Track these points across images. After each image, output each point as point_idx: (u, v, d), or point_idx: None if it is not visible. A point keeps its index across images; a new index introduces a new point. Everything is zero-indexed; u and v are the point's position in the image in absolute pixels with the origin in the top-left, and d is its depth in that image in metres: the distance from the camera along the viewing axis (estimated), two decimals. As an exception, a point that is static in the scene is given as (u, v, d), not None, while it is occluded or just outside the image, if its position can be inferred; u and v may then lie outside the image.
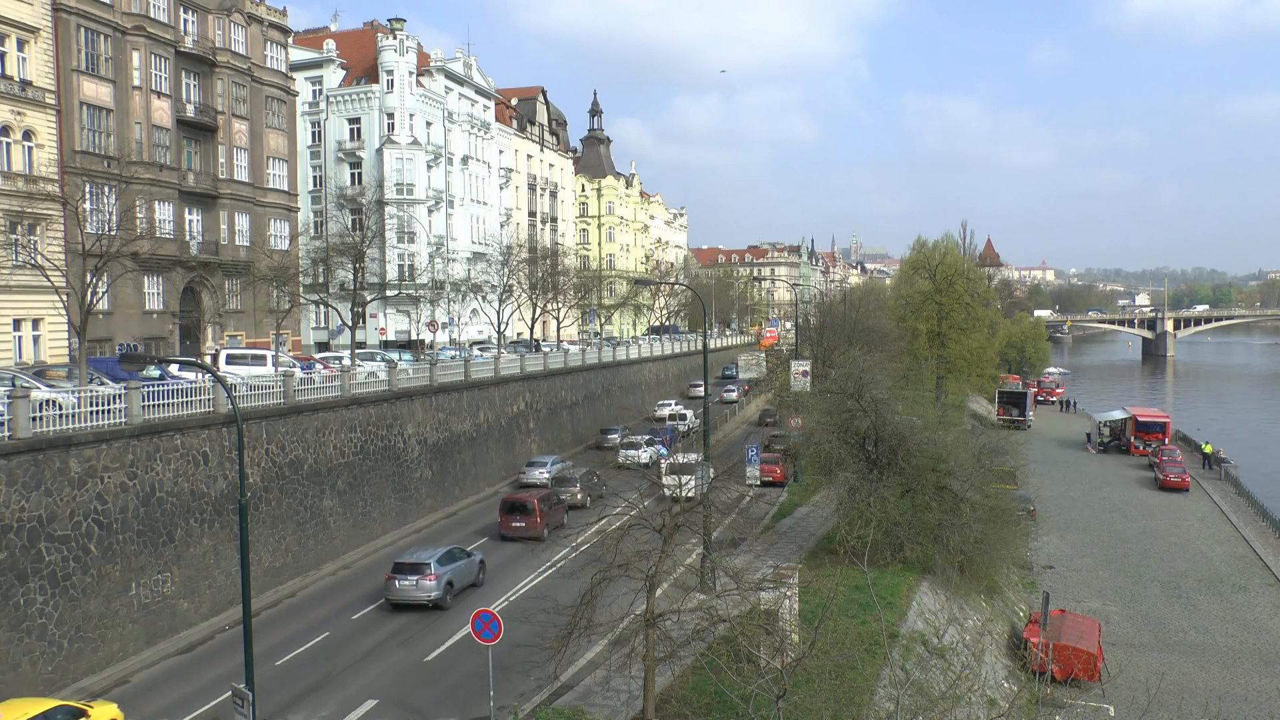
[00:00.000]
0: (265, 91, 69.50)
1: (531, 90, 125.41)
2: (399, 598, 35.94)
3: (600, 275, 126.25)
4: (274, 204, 70.30)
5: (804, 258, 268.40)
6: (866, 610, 28.98)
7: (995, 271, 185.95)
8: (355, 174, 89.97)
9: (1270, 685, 35.82)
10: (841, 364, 53.07)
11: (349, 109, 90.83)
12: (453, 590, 36.83)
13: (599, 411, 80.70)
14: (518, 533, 45.75)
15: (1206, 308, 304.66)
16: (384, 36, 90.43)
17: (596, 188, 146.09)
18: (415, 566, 36.23)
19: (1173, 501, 66.37)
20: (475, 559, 39.40)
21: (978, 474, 41.21)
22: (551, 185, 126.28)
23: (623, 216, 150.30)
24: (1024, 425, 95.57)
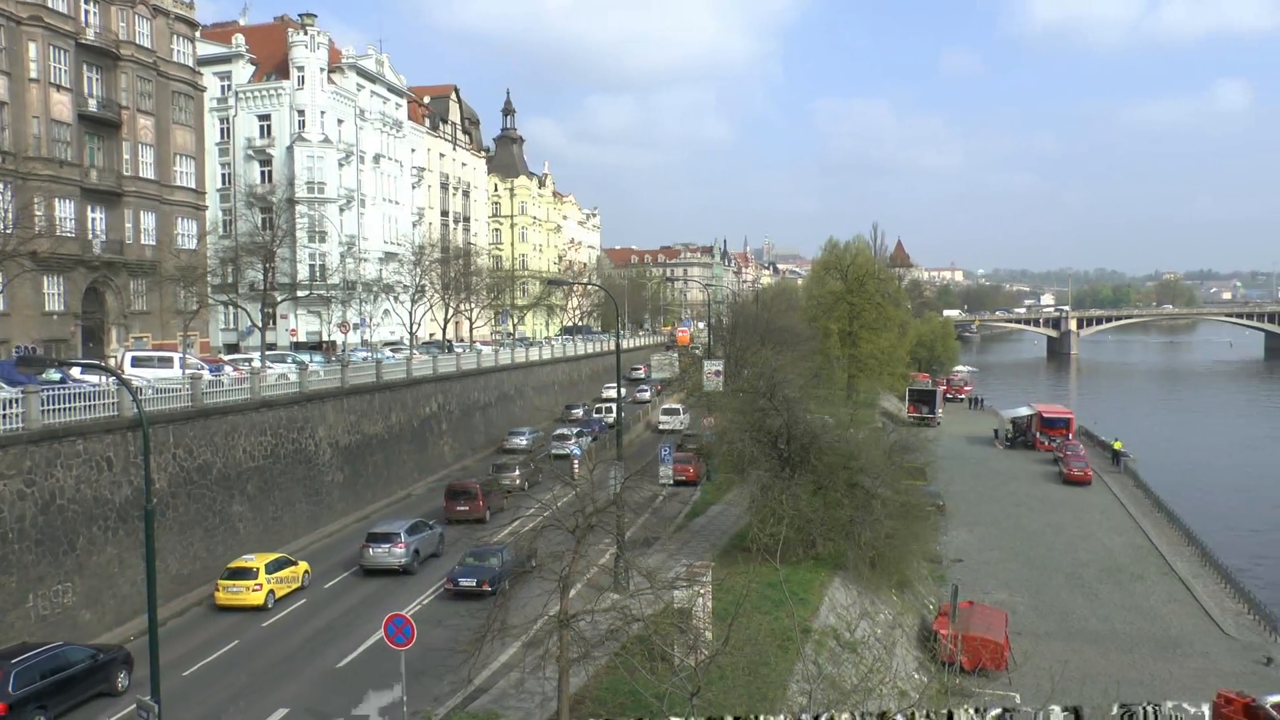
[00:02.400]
0: (172, 86, 67.74)
1: (444, 88, 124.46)
2: (373, 564, 40.10)
3: (513, 275, 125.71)
4: (181, 202, 68.58)
5: (717, 258, 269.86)
6: (779, 606, 29.26)
7: (906, 272, 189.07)
8: (265, 172, 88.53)
9: (1164, 668, 37.03)
10: (754, 363, 53.53)
11: (259, 105, 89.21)
12: (419, 558, 41.01)
13: (512, 412, 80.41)
14: (462, 515, 48.76)
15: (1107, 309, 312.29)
16: (295, 32, 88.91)
17: (509, 187, 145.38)
18: (387, 536, 40.65)
19: (1076, 495, 67.97)
20: (438, 530, 43.64)
21: (889, 471, 41.86)
22: (464, 185, 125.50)
23: (536, 217, 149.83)
24: (934, 422, 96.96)
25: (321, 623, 35.11)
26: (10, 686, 25.08)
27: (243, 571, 36.81)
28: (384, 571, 40.10)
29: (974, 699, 32.44)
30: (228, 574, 36.94)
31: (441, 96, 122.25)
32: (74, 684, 27.11)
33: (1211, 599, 45.35)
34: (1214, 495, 73.83)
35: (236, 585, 36.34)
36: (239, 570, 36.95)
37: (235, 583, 36.42)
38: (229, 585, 36.49)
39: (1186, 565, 50.70)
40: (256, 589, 36.43)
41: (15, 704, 24.99)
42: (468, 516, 48.69)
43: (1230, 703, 29.06)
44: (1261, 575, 51.22)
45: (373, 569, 40.27)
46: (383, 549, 40.13)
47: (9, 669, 25.40)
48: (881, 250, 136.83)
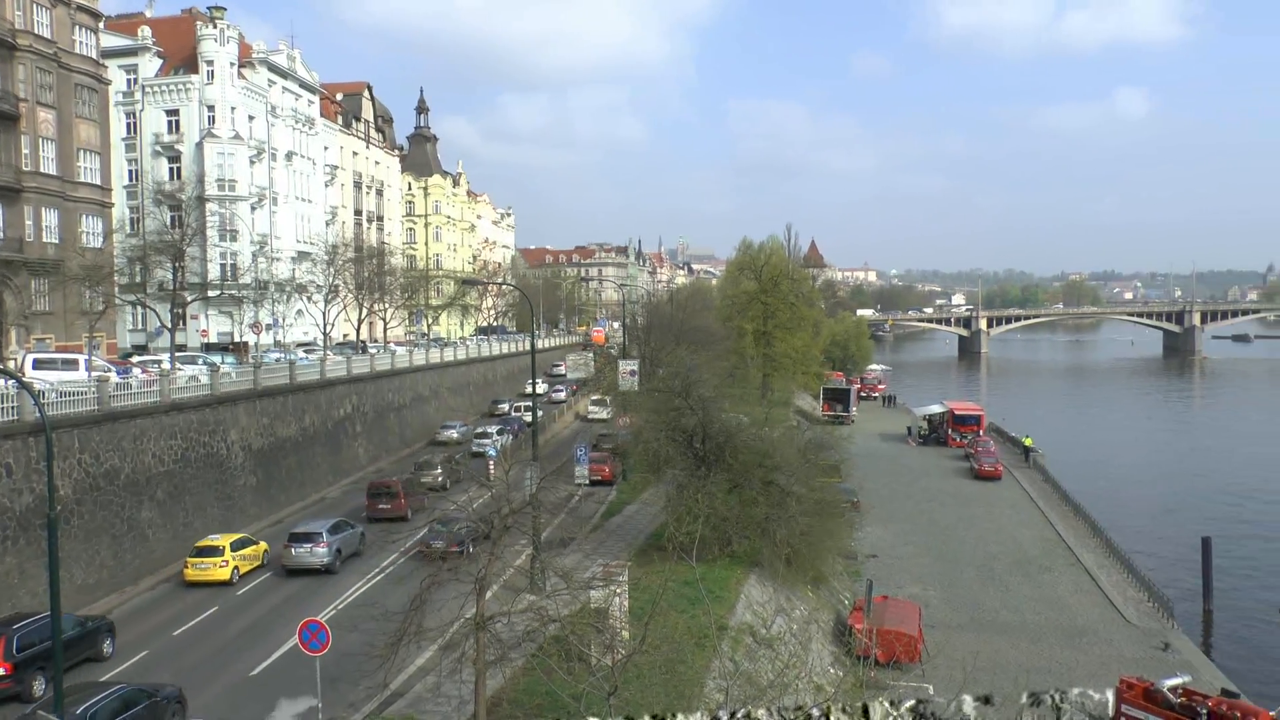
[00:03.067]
0: (74, 79, 65.53)
1: (357, 86, 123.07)
2: (295, 564, 40.12)
3: (427, 275, 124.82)
4: (86, 199, 66.51)
5: (631, 258, 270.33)
6: (696, 604, 29.39)
7: (819, 272, 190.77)
8: (174, 168, 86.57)
9: (1071, 656, 37.83)
10: (669, 363, 53.75)
11: (167, 100, 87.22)
12: (340, 557, 41.18)
13: (427, 413, 79.80)
14: (383, 514, 48.97)
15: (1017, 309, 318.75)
16: (203, 25, 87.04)
17: (423, 186, 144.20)
18: (309, 535, 40.67)
19: (987, 490, 69.13)
20: (358, 530, 43.91)
21: (803, 468, 42.25)
22: (378, 183, 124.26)
23: (450, 216, 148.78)
24: (848, 420, 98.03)
25: (246, 622, 34.66)
26: (14, 649, 27.86)
27: (210, 550, 39.90)
28: (306, 571, 40.23)
29: (888, 691, 32.87)
30: (195, 552, 39.96)
31: (354, 94, 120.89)
32: (68, 648, 28.29)
33: (1115, 588, 46.45)
34: (1117, 488, 75.91)
35: (204, 562, 39.47)
36: (206, 549, 39.97)
37: (203, 560, 39.55)
38: (197, 563, 39.53)
39: (1092, 556, 51.84)
40: (223, 565, 39.45)
41: (18, 665, 27.86)
42: (389, 515, 48.88)
43: (1132, 688, 29.82)
44: (1160, 564, 52.72)
45: (295, 569, 40.33)
46: (305, 549, 40.24)
47: (11, 633, 28.09)
48: (795, 251, 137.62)
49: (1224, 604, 47.78)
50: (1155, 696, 31.50)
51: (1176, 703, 31.06)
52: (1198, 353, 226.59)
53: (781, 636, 33.49)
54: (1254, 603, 47.69)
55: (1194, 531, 54.98)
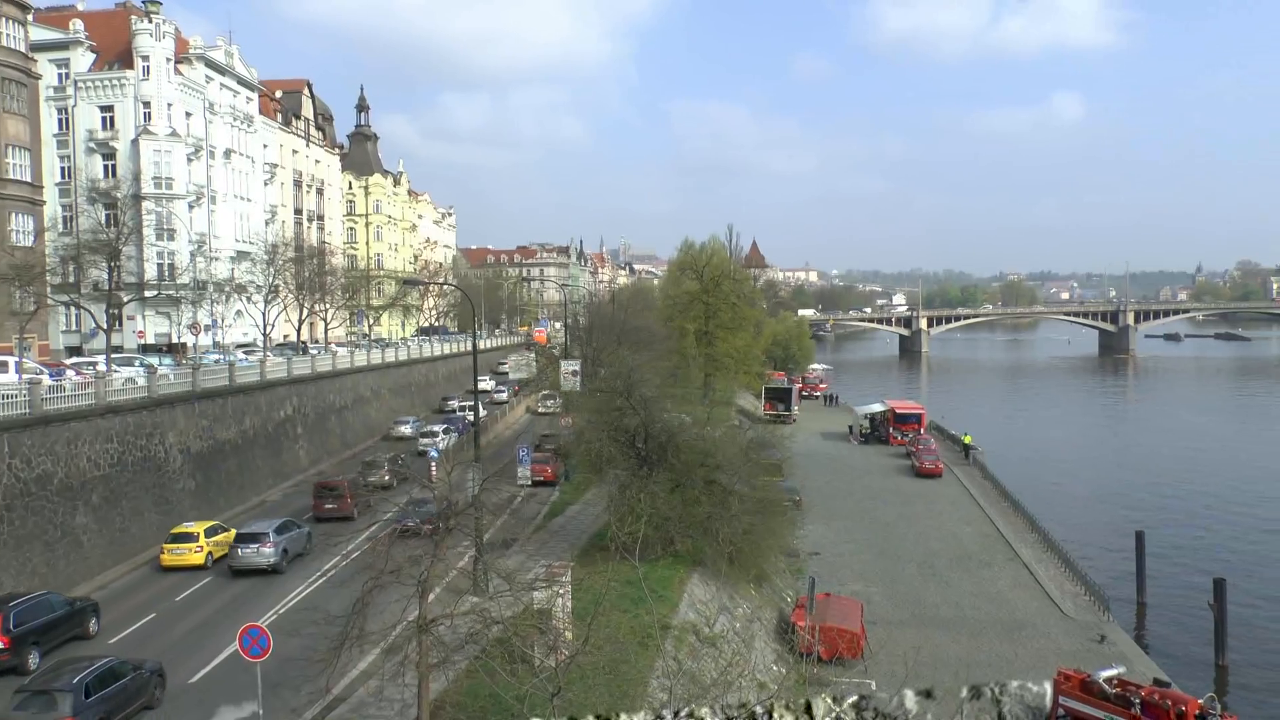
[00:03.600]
0: (2, 72, 64.32)
1: (297, 83, 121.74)
2: (241, 564, 40.37)
3: (368, 275, 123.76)
4: (16, 196, 64.93)
5: (573, 258, 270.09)
6: (639, 604, 29.42)
7: (761, 272, 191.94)
8: (109, 166, 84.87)
9: (1010, 650, 38.37)
10: (611, 363, 53.75)
11: (101, 96, 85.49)
12: (287, 556, 41.36)
13: (368, 415, 79.22)
14: (330, 513, 49.42)
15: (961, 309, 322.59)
16: (138, 19, 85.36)
17: (364, 185, 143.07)
18: (255, 536, 40.99)
19: (927, 487, 69.92)
20: (305, 530, 44.05)
21: (745, 467, 42.43)
22: (318, 182, 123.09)
23: (391, 215, 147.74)
24: (790, 419, 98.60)
25: (188, 625, 34.24)
26: (11, 625, 29.76)
27: (185, 536, 42.39)
28: (253, 571, 40.40)
29: (831, 688, 33.12)
30: (171, 538, 42.51)
31: (294, 91, 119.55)
32: (58, 626, 32.05)
33: (1052, 582, 47.20)
34: (1055, 484, 77.24)
35: (180, 548, 41.91)
36: (181, 535, 42.56)
37: (179, 545, 42.02)
38: (173, 548, 41.94)
39: (1030, 551, 52.61)
40: (198, 550, 41.86)
41: (15, 640, 29.78)
42: (336, 514, 49.32)
43: (1069, 679, 30.60)
44: (1096, 558, 53.72)
45: (241, 569, 40.49)
46: (251, 549, 40.48)
47: (9, 610, 30.03)
48: (737, 251, 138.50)
49: (1157, 596, 48.89)
50: (1091, 687, 32.36)
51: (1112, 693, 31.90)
52: (1131, 351, 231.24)
53: (725, 635, 33.61)
54: (1185, 594, 48.62)
55: (1128, 525, 56.09)
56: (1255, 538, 61.35)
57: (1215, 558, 55.46)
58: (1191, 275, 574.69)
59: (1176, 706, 27.91)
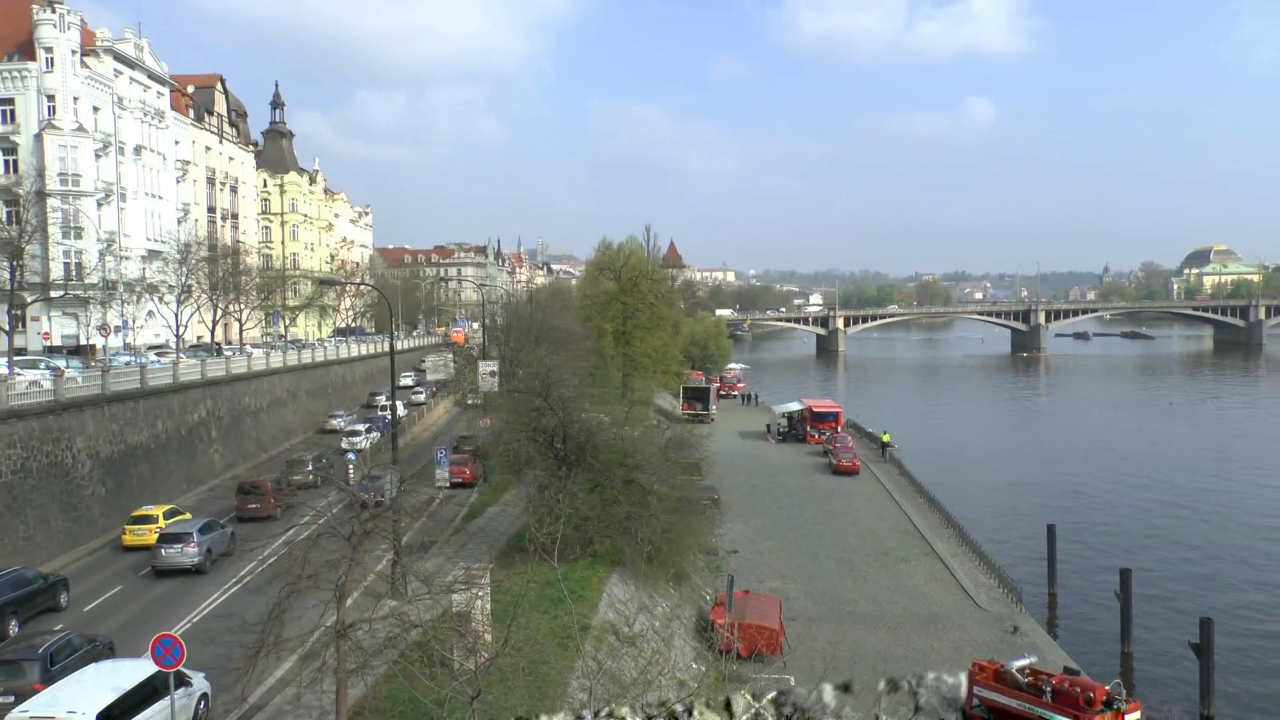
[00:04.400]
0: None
1: (209, 78, 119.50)
2: (165, 564, 40.55)
3: (284, 275, 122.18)
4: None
5: (491, 258, 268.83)
6: (558, 605, 29.46)
7: (679, 272, 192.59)
8: (10, 161, 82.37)
9: (927, 643, 38.96)
10: (529, 363, 53.66)
11: (1, 88, 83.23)
12: (211, 556, 41.63)
13: (285, 418, 78.16)
14: (253, 513, 49.88)
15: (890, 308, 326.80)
16: (41, 9, 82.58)
17: (279, 183, 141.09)
18: (179, 536, 41.31)
19: (845, 484, 70.68)
20: (229, 530, 44.57)
21: (664, 467, 42.67)
22: (232, 180, 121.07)
23: (307, 214, 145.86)
24: (708, 419, 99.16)
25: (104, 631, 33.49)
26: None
27: (145, 518, 45.41)
28: (176, 572, 40.58)
29: (750, 684, 33.42)
30: (131, 520, 45.62)
31: (206, 86, 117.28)
32: (34, 598, 34.88)
33: (967, 576, 48.05)
34: (970, 480, 78.64)
35: (141, 529, 44.73)
36: (141, 517, 45.64)
37: (139, 526, 44.92)
38: (134, 529, 44.97)
39: (946, 546, 53.49)
40: (157, 530, 43.62)
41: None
42: (259, 514, 49.73)
43: (983, 670, 31.41)
44: (1009, 551, 54.84)
45: (165, 570, 40.60)
46: (175, 549, 40.70)
47: None
48: (655, 251, 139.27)
49: (1067, 586, 50.17)
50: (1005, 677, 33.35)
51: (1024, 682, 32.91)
52: (1042, 350, 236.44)
53: (644, 634, 33.74)
54: (1094, 584, 49.95)
55: (1040, 519, 57.24)
56: (1159, 527, 63.35)
57: (1122, 548, 57.09)
58: (1099, 276, 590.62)
59: (1085, 693, 28.89)
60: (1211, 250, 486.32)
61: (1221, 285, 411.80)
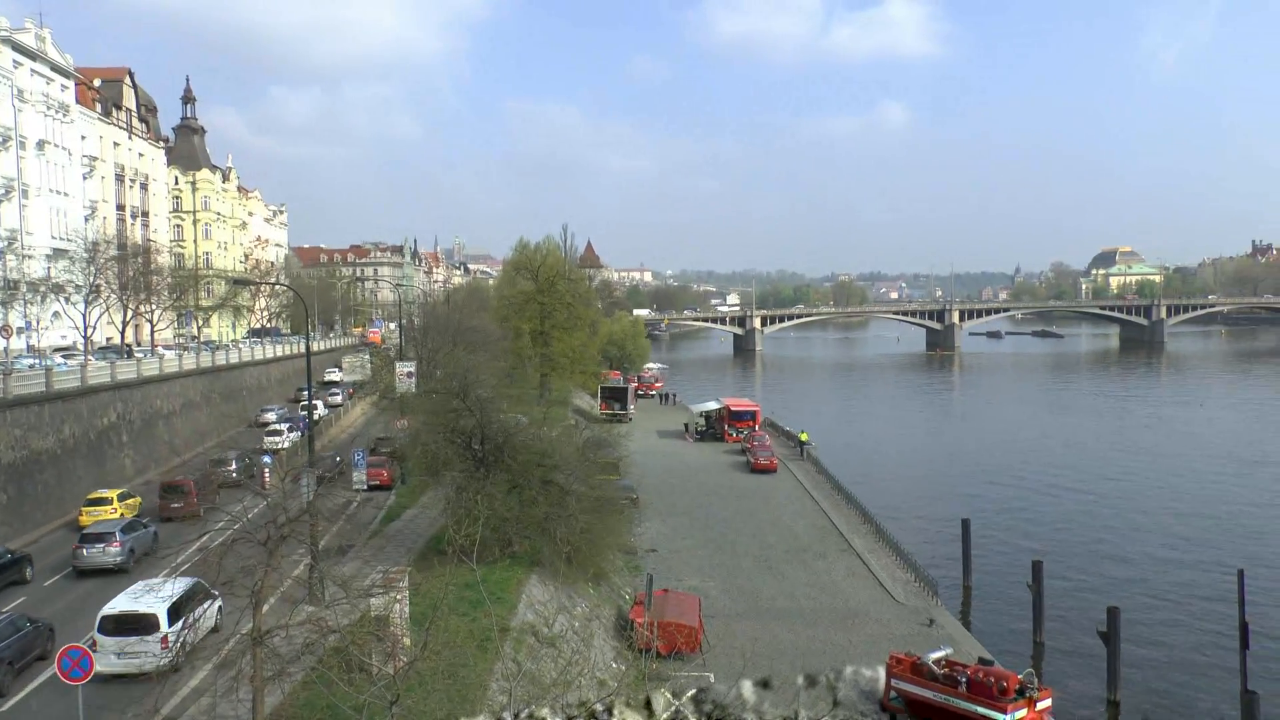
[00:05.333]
0: None
1: (117, 71, 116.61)
2: (86, 564, 40.63)
3: (197, 275, 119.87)
4: None
5: (407, 258, 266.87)
6: (477, 607, 29.40)
7: (596, 272, 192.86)
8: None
9: (845, 637, 39.50)
10: (446, 364, 53.34)
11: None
12: (134, 556, 41.67)
13: (199, 420, 76.76)
14: (176, 513, 49.98)
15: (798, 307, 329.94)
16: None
17: (191, 181, 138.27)
18: (101, 535, 41.40)
19: (763, 482, 71.27)
20: (151, 530, 44.54)
21: (583, 467, 42.76)
22: (142, 177, 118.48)
23: (220, 212, 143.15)
24: (626, 418, 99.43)
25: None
26: None
27: (101, 500, 48.97)
28: (98, 571, 40.54)
29: (670, 682, 33.62)
30: (88, 502, 48.86)
31: (114, 80, 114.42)
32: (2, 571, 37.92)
33: (884, 570, 48.76)
34: (886, 476, 79.95)
35: (96, 509, 47.84)
36: (97, 499, 49.10)
37: (95, 507, 48.05)
38: (90, 510, 47.80)
39: (863, 542, 54.22)
40: (113, 511, 47.49)
41: None
42: (182, 513, 49.85)
43: (900, 662, 32.07)
44: (925, 546, 55.70)
45: (86, 569, 40.61)
46: (98, 549, 40.75)
47: None
48: (572, 251, 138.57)
49: (981, 579, 51.23)
50: (921, 669, 34.17)
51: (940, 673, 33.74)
52: (956, 348, 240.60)
53: (564, 634, 33.79)
54: (1007, 576, 51.09)
55: (955, 513, 58.30)
56: (1070, 519, 65.14)
57: (1034, 540, 58.55)
58: (1011, 276, 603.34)
59: (999, 682, 29.71)
60: (1117, 251, 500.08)
61: (1126, 285, 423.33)
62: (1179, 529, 62.35)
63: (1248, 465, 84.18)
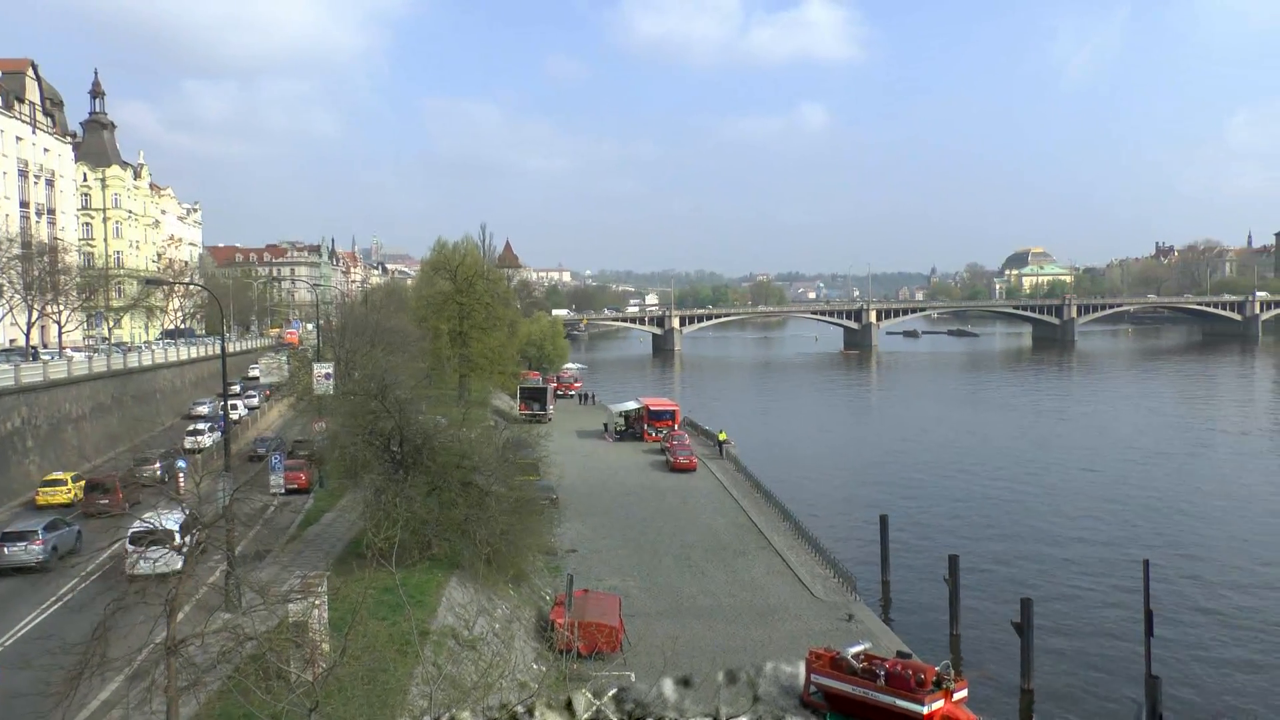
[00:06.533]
0: None
1: (19, 63, 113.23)
2: (6, 563, 40.58)
3: (107, 274, 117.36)
4: None
5: (325, 258, 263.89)
6: (397, 611, 29.21)
7: (515, 272, 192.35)
8: None
9: (764, 634, 39.92)
10: (364, 365, 52.88)
11: None
12: (56, 554, 41.80)
13: (110, 425, 75.08)
14: (101, 509, 49.22)
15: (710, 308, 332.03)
16: None
17: (101, 177, 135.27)
18: (22, 534, 41.55)
19: (682, 481, 71.64)
20: (75, 529, 44.70)
21: (502, 468, 42.67)
22: (48, 173, 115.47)
23: (131, 210, 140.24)
24: (545, 419, 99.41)
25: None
26: None
27: (56, 481, 54.11)
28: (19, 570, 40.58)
29: (591, 682, 33.72)
30: (44, 483, 54.10)
31: (15, 72, 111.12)
32: None
33: (804, 567, 49.31)
34: (805, 474, 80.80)
35: (51, 490, 53.25)
36: (53, 481, 54.22)
37: (50, 488, 53.31)
38: (46, 490, 52.93)
39: (782, 539, 54.74)
40: (67, 492, 52.82)
41: None
42: (107, 510, 48.91)
43: (820, 657, 32.54)
44: (844, 542, 56.48)
45: (6, 568, 40.55)
46: (19, 547, 40.84)
47: None
48: (490, 251, 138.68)
49: (899, 574, 51.97)
50: (840, 664, 34.77)
51: (859, 667, 34.40)
52: (874, 347, 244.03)
53: (484, 637, 33.69)
54: (924, 570, 52.10)
55: (873, 509, 59.24)
56: (985, 514, 66.60)
57: (951, 535, 59.76)
58: (927, 276, 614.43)
59: (916, 675, 30.35)
60: (1030, 252, 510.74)
61: (1039, 285, 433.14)
62: (1089, 521, 64.18)
63: (1152, 457, 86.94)
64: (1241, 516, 65.11)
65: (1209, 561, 55.01)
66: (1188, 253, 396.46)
